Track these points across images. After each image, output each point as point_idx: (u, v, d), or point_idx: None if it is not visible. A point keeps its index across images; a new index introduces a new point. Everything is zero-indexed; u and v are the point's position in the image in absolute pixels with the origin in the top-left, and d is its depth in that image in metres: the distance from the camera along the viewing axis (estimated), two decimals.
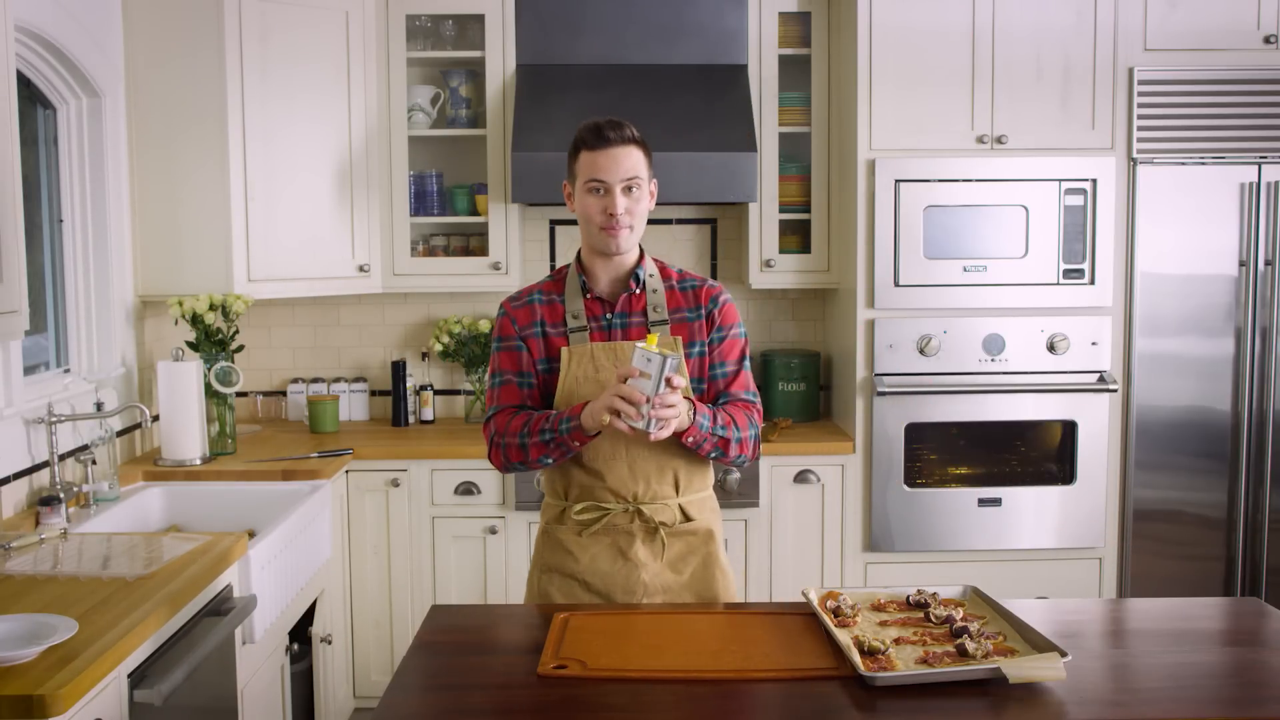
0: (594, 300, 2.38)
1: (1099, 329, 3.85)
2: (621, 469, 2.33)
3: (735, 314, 2.43)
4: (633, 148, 2.28)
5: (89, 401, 3.39)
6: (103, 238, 3.61)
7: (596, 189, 2.28)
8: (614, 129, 2.27)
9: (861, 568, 3.91)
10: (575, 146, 2.32)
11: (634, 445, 2.32)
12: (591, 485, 2.34)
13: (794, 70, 4.15)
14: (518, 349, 2.38)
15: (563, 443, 2.25)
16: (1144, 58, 3.81)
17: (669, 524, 2.36)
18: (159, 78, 3.73)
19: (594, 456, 2.32)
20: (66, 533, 2.73)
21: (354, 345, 4.47)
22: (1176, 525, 3.94)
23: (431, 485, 3.85)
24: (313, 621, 3.50)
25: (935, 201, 3.79)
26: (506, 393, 2.38)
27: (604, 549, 2.35)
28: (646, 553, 2.35)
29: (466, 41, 4.18)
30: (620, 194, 2.27)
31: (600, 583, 2.35)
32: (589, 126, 2.29)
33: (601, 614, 2.18)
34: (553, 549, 2.39)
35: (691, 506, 2.38)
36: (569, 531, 2.37)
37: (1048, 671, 1.80)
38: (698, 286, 2.42)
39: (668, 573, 2.36)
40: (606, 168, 2.26)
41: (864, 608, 2.13)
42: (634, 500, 2.34)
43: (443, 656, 2.02)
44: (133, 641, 2.04)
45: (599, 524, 2.34)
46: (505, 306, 2.43)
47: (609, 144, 2.26)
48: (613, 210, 2.26)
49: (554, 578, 2.38)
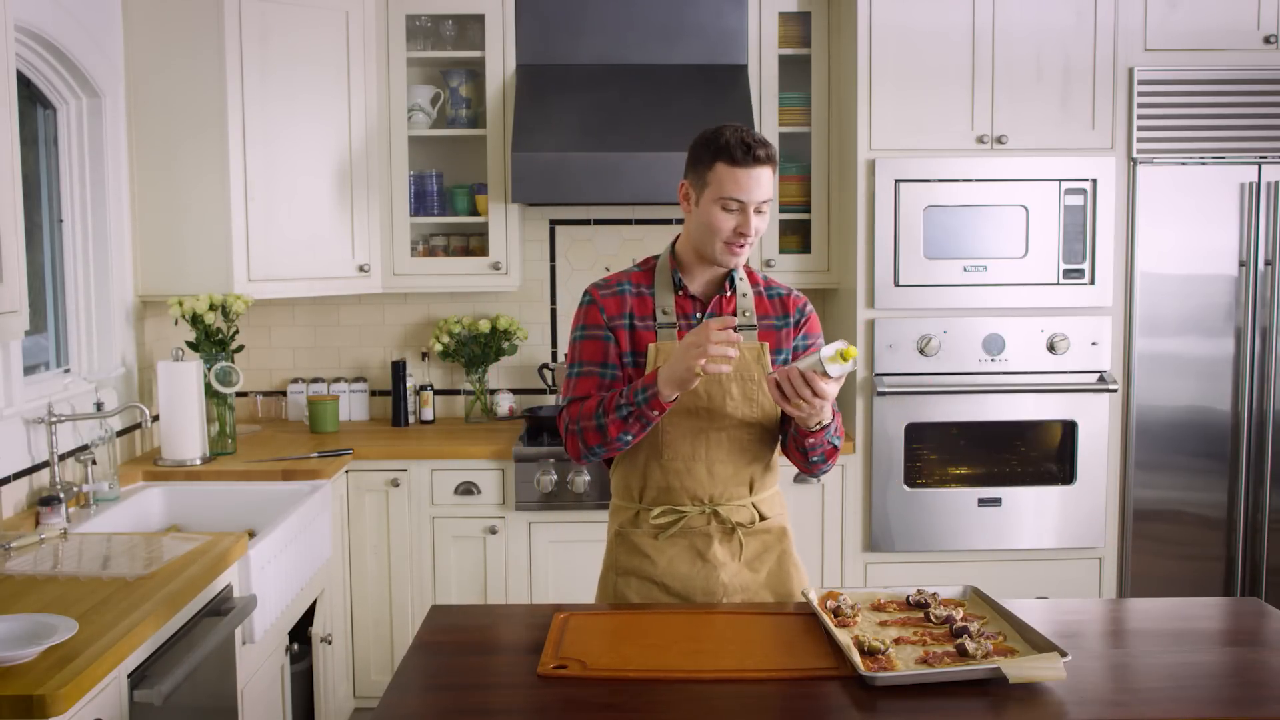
0: (685, 298, 2.34)
1: (1099, 329, 3.85)
2: (700, 471, 2.31)
3: (819, 324, 2.44)
4: (770, 168, 2.22)
5: (89, 401, 3.39)
6: (103, 238, 3.61)
7: (731, 206, 2.21)
8: (763, 147, 2.20)
9: (861, 568, 3.91)
10: (713, 154, 2.21)
11: (714, 448, 2.30)
12: (669, 487, 2.32)
13: (794, 70, 4.15)
14: (605, 339, 2.32)
15: (641, 414, 2.18)
16: (1144, 58, 3.81)
17: (745, 524, 2.35)
18: (159, 78, 3.73)
19: (673, 457, 2.31)
20: (66, 533, 2.73)
21: (354, 345, 4.47)
22: (1176, 525, 3.94)
23: (431, 485, 3.85)
24: (313, 621, 3.49)
25: (935, 201, 3.79)
26: (586, 383, 2.31)
27: (681, 551, 2.34)
28: (725, 553, 2.34)
29: (466, 41, 4.18)
30: (754, 214, 2.22)
31: (679, 585, 2.33)
32: (734, 139, 2.19)
33: (601, 614, 2.18)
34: (629, 552, 2.37)
35: (764, 505, 2.38)
36: (645, 535, 2.35)
37: (1048, 671, 1.80)
38: (784, 295, 2.41)
39: (746, 572, 2.35)
40: (748, 187, 2.20)
41: (864, 608, 2.13)
42: (710, 502, 2.33)
43: (443, 656, 2.02)
44: (133, 641, 2.04)
45: (675, 527, 2.33)
46: (594, 294, 2.36)
47: (756, 164, 2.19)
48: (745, 231, 2.22)
49: (631, 581, 2.36)
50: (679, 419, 2.29)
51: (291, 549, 3.11)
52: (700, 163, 2.25)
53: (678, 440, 2.30)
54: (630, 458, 2.35)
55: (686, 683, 1.84)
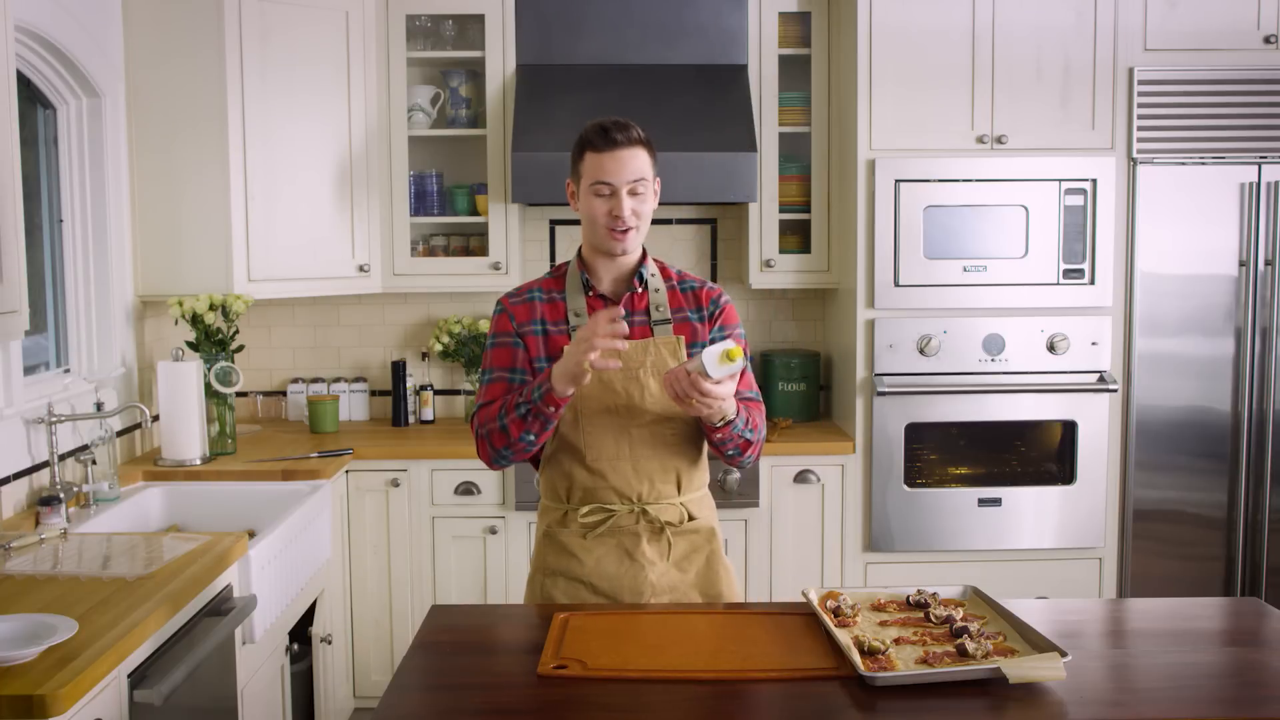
0: (596, 298, 2.37)
1: (1099, 329, 3.85)
2: (626, 469, 2.32)
3: (736, 315, 2.44)
4: (639, 149, 2.26)
5: (89, 401, 3.39)
6: (103, 238, 3.61)
7: (602, 191, 2.26)
8: (620, 130, 2.25)
9: (861, 568, 3.91)
10: (580, 146, 2.30)
11: (637, 444, 2.31)
12: (595, 487, 2.33)
13: (794, 70, 4.15)
14: (513, 345, 2.36)
15: (538, 410, 2.20)
16: (1144, 58, 3.81)
17: (674, 523, 2.35)
18: (159, 78, 3.73)
19: (596, 456, 2.32)
20: (66, 533, 2.73)
21: (354, 345, 4.47)
22: (1176, 525, 3.94)
23: (431, 485, 3.85)
24: (313, 621, 3.49)
25: (935, 201, 3.79)
26: (494, 389, 2.34)
27: (609, 550, 2.34)
28: (653, 552, 2.34)
29: (466, 41, 4.18)
30: (626, 196, 2.25)
31: (607, 585, 2.34)
32: (595, 128, 2.27)
33: (602, 614, 2.18)
34: (556, 552, 2.37)
35: (693, 505, 2.38)
36: (573, 535, 2.35)
37: (1048, 671, 1.80)
38: (698, 288, 2.42)
39: (674, 572, 2.36)
40: (613, 170, 2.24)
41: (864, 608, 2.13)
42: (638, 500, 2.33)
43: (443, 656, 2.02)
44: (133, 641, 2.04)
45: (604, 526, 2.33)
46: (504, 303, 2.41)
47: (615, 146, 2.24)
48: (619, 213, 2.25)
49: (558, 581, 2.36)
50: (599, 418, 2.31)
51: (291, 549, 3.11)
52: (574, 158, 2.32)
53: (600, 439, 2.31)
54: (555, 459, 2.36)
55: (687, 683, 1.84)
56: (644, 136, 2.29)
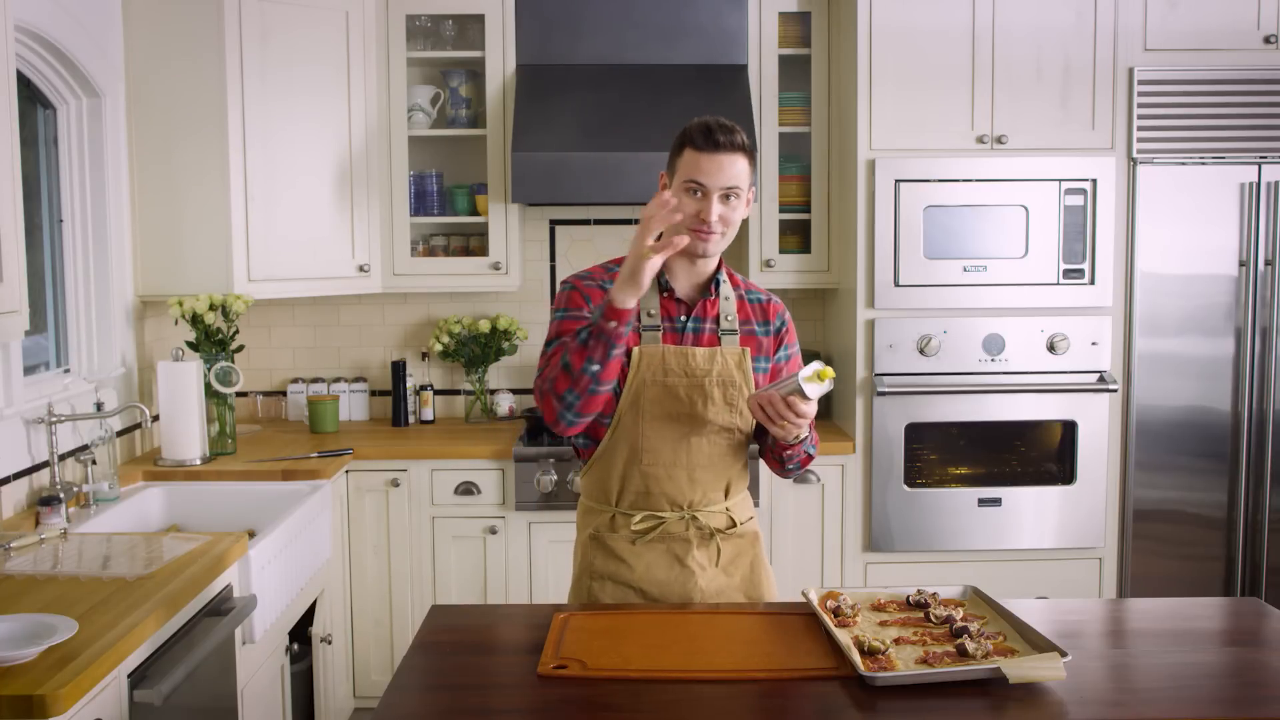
0: (670, 300, 2.32)
1: (1099, 329, 3.85)
2: (681, 477, 2.30)
3: (794, 333, 2.45)
4: (739, 155, 2.20)
5: (89, 401, 3.39)
6: (103, 238, 3.61)
7: (694, 190, 2.20)
8: (725, 133, 2.19)
9: (861, 568, 3.91)
10: (681, 141, 2.22)
11: (695, 454, 2.29)
12: (647, 492, 2.31)
13: (794, 70, 4.15)
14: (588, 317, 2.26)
15: (600, 330, 2.08)
16: (1144, 58, 3.81)
17: (722, 529, 2.35)
18: (159, 78, 3.73)
19: (653, 462, 2.29)
20: (66, 533, 2.73)
21: (354, 345, 4.47)
22: (1176, 525, 3.94)
23: (431, 485, 3.85)
24: (313, 621, 3.49)
25: (935, 201, 3.79)
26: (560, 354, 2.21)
27: (659, 556, 2.32)
28: (703, 558, 2.33)
29: (466, 41, 4.18)
30: (717, 201, 2.20)
31: (657, 590, 2.32)
32: (699, 125, 2.19)
33: (601, 614, 2.18)
34: (605, 556, 2.35)
35: (736, 509, 2.38)
36: (622, 539, 2.33)
37: (1048, 671, 1.80)
38: (764, 301, 2.41)
39: (721, 576, 2.35)
40: (709, 171, 2.18)
41: (864, 608, 2.13)
42: (689, 507, 2.32)
43: (443, 656, 2.02)
44: (133, 641, 2.04)
45: (654, 532, 2.32)
46: (575, 283, 2.32)
47: (717, 148, 2.18)
48: (706, 216, 2.19)
49: (606, 585, 2.34)
50: (660, 424, 2.28)
51: (291, 549, 3.11)
52: (674, 152, 2.27)
53: (659, 445, 2.29)
54: (607, 459, 2.33)
55: (687, 683, 1.85)
56: (748, 144, 2.22)
